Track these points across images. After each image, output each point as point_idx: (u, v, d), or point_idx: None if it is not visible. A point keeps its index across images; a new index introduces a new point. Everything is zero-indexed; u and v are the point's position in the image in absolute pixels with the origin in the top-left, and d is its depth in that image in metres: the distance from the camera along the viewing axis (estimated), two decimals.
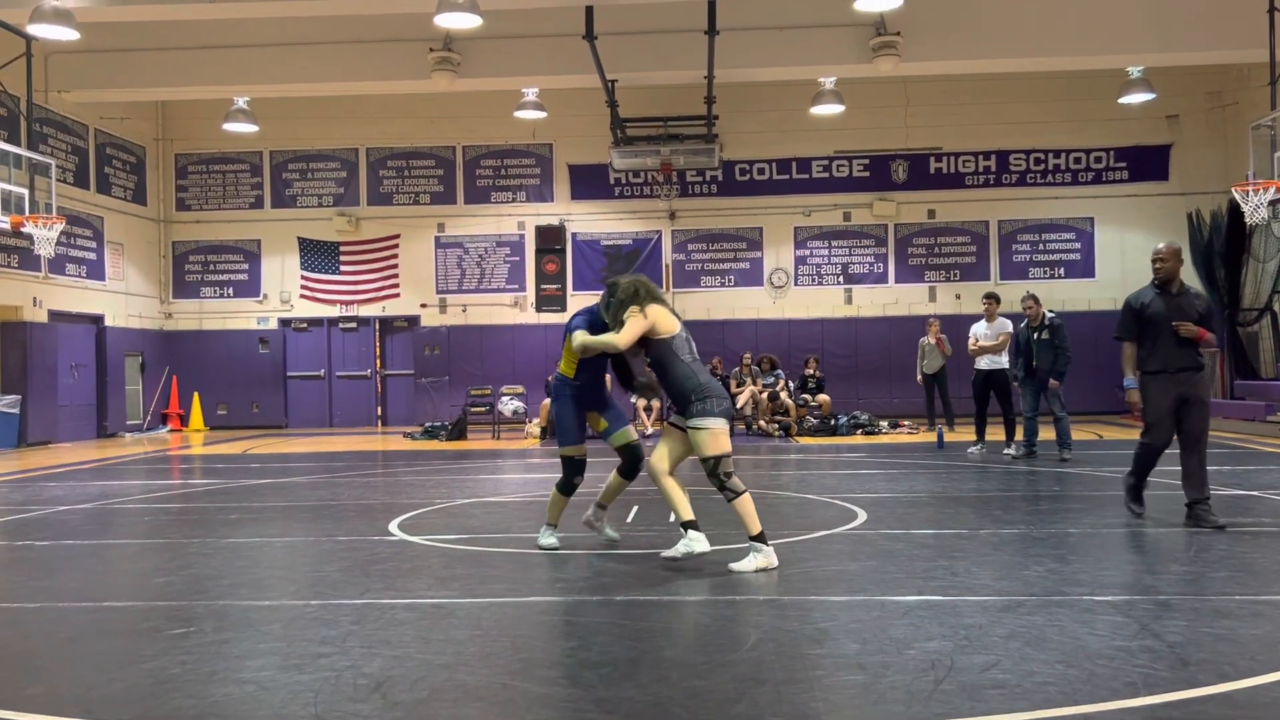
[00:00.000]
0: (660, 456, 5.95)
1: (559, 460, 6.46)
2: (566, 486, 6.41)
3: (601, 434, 6.56)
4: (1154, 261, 7.03)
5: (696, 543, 5.76)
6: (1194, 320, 6.88)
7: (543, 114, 18.21)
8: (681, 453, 5.98)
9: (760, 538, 5.69)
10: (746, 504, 5.74)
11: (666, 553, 5.91)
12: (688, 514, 5.81)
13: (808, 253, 20.13)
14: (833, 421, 16.50)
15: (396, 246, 20.51)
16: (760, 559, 5.64)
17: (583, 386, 6.37)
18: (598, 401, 6.49)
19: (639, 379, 6.72)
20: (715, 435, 5.77)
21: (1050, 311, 11.62)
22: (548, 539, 6.48)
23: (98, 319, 18.70)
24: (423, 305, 20.54)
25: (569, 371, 6.34)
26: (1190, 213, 18.99)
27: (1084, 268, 19.78)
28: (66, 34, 13.03)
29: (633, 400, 17.56)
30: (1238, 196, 13.91)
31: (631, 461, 6.43)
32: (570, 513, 6.75)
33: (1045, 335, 11.31)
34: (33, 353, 16.66)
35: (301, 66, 16.84)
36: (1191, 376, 6.91)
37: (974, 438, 12.52)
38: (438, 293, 20.51)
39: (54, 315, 17.47)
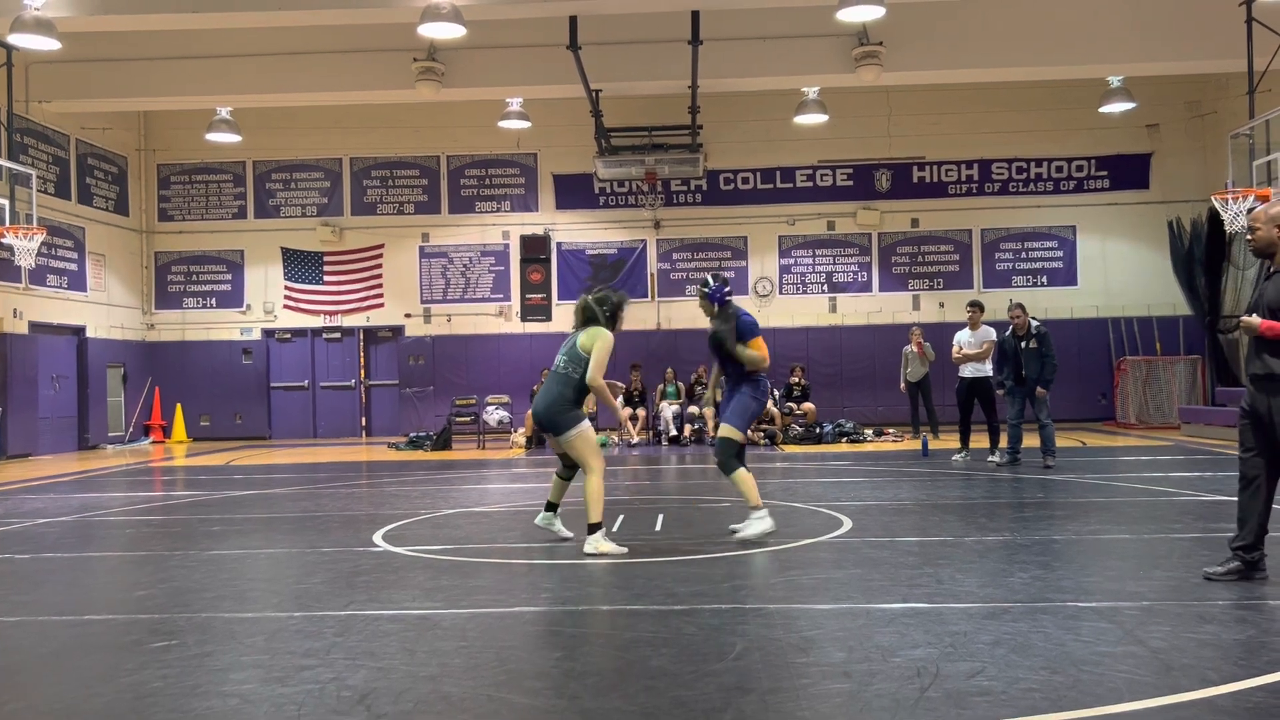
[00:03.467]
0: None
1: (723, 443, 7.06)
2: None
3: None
4: (1246, 232, 5.41)
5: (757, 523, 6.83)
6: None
7: (527, 124, 18.23)
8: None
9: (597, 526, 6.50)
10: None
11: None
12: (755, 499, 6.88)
13: (792, 262, 20.19)
14: (818, 430, 16.54)
15: (381, 256, 20.46)
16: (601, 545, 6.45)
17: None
18: None
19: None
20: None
21: (1034, 320, 11.68)
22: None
23: (79, 330, 18.58)
24: (407, 315, 20.49)
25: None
26: (1170, 221, 19.15)
27: (1066, 276, 19.91)
28: (47, 44, 12.97)
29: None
30: (1217, 205, 14.03)
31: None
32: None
33: (1033, 344, 11.35)
34: (13, 364, 16.53)
35: (285, 76, 16.80)
36: (1265, 386, 5.17)
37: (958, 445, 12.56)
38: (422, 303, 20.47)
39: (35, 326, 17.34)
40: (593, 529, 6.43)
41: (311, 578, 6.09)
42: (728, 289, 7.17)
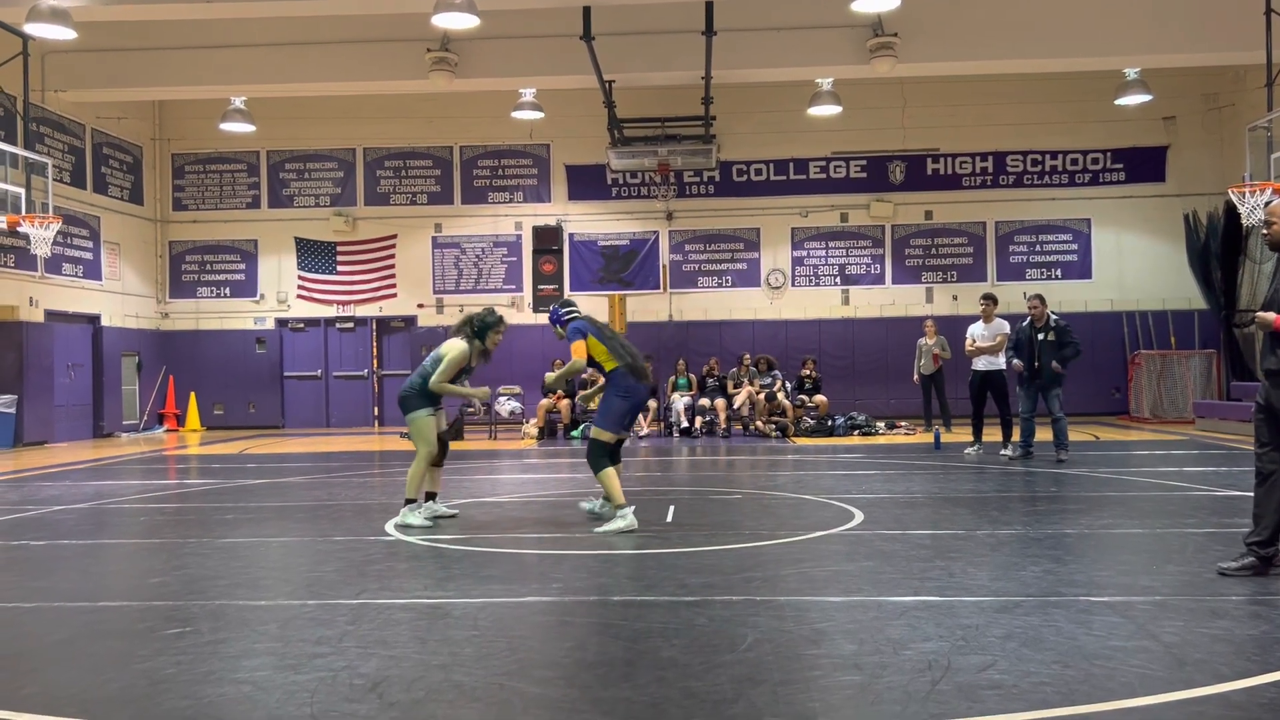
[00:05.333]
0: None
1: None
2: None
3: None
4: (1263, 225, 5.49)
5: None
6: None
7: (540, 114, 18.21)
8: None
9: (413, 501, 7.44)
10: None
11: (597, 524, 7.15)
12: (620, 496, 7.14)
13: (805, 253, 20.14)
14: (830, 422, 16.50)
15: (393, 246, 20.50)
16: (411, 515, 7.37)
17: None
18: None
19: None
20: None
21: (1054, 313, 11.62)
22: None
23: (94, 319, 18.68)
24: (420, 305, 20.53)
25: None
26: (1187, 214, 19.02)
27: (1081, 269, 19.81)
28: (63, 33, 13.01)
29: None
30: (1234, 198, 13.92)
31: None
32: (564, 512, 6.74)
33: (1050, 336, 11.29)
34: (29, 352, 16.62)
35: (298, 66, 16.83)
36: (1277, 380, 5.25)
37: (971, 439, 12.53)
38: (435, 293, 20.50)
39: (50, 315, 17.44)
40: (407, 502, 7.46)
41: (324, 566, 6.12)
42: (564, 310, 7.62)
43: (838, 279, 20.08)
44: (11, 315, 16.56)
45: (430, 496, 7.70)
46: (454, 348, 7.46)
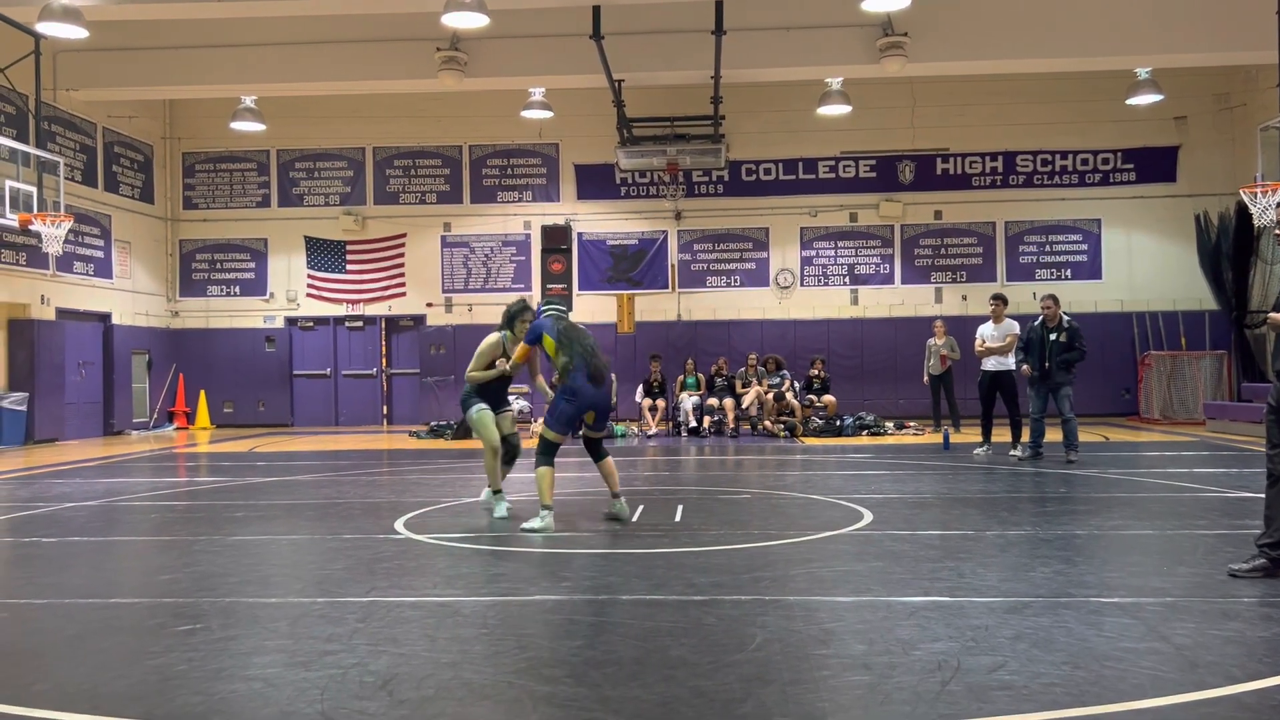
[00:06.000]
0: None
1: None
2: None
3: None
4: (1275, 225, 5.71)
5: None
6: None
7: (549, 114, 18.23)
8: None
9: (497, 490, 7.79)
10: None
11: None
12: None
13: (814, 253, 20.12)
14: (838, 422, 16.48)
15: (403, 246, 20.53)
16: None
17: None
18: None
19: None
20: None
21: (1066, 314, 11.58)
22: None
23: (105, 317, 18.75)
24: (429, 304, 20.56)
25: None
26: (1198, 214, 18.95)
27: (1091, 269, 19.75)
28: (75, 32, 13.06)
29: (637, 400, 17.59)
30: (1246, 198, 13.87)
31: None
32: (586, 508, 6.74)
33: (1062, 338, 11.25)
34: (40, 350, 16.70)
35: (309, 66, 16.87)
36: None
37: (980, 439, 12.50)
38: (444, 292, 20.53)
39: (61, 313, 17.51)
40: (494, 493, 7.87)
41: (334, 564, 6.14)
42: (542, 307, 7.88)
43: (846, 279, 20.06)
44: (23, 313, 16.64)
45: (496, 492, 8.12)
46: (485, 342, 7.98)
